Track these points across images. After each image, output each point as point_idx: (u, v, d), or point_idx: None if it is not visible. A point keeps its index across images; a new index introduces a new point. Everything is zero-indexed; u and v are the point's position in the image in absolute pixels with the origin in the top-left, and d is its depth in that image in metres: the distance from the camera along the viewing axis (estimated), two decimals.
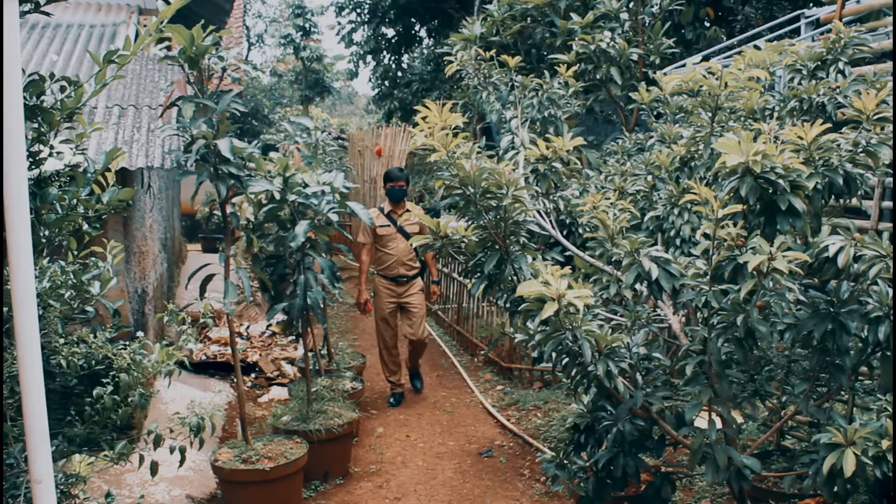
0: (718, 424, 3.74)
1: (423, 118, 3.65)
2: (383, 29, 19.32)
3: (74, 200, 3.29)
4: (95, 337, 3.55)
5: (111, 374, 3.52)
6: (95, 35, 7.71)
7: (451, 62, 7.45)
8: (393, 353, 8.04)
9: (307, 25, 26.18)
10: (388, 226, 7.73)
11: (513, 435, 7.09)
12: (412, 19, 18.80)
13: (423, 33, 19.57)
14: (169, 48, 4.94)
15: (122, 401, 3.48)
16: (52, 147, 3.15)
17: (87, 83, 3.11)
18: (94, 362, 3.49)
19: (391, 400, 8.08)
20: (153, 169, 5.82)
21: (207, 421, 3.89)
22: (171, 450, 3.72)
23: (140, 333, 3.90)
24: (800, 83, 4.53)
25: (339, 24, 20.02)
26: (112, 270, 3.74)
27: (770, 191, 3.29)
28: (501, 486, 6.03)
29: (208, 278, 5.48)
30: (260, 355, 9.01)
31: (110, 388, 3.47)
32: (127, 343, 3.67)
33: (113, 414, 3.44)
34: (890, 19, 5.68)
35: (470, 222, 3.76)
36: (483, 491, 5.97)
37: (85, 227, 3.47)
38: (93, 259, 3.75)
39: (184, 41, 4.80)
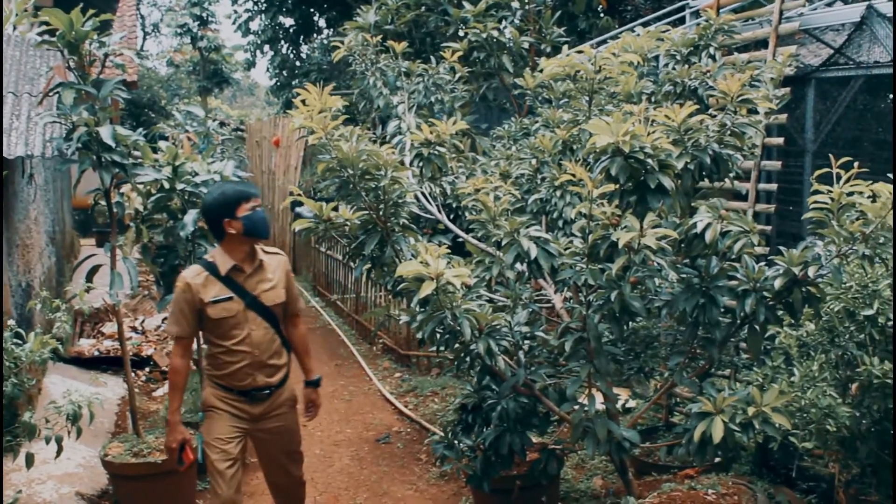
0: (600, 400, 3.85)
1: (303, 101, 3.65)
2: (281, 18, 19.01)
3: None
4: None
5: None
6: None
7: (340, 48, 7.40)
8: None
9: (204, 14, 25.68)
10: (230, 298, 3.90)
11: (410, 421, 7.12)
12: (310, 9, 18.56)
13: (322, 23, 19.33)
14: (53, 33, 4.80)
15: None
16: None
17: None
18: None
19: None
20: (34, 158, 5.63)
21: (85, 409, 3.80)
22: (47, 440, 3.62)
23: (12, 322, 3.77)
24: (674, 68, 4.69)
25: (236, 12, 19.62)
26: None
27: (641, 170, 3.39)
28: (398, 472, 6.07)
29: (94, 269, 5.37)
30: (155, 349, 8.81)
31: None
32: None
33: None
34: (765, 9, 5.91)
35: (351, 205, 3.77)
36: (380, 477, 5.99)
37: None
38: None
39: (62, 25, 4.67)
